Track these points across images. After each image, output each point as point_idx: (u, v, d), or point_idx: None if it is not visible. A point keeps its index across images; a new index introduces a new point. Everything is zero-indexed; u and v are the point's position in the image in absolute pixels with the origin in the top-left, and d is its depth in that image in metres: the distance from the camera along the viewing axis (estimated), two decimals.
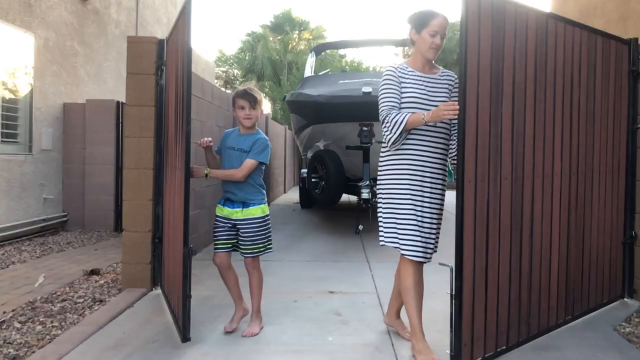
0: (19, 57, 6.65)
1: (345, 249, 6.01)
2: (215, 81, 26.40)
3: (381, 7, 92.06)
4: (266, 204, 3.30)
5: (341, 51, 10.85)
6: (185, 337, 3.02)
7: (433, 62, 2.98)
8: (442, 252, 3.18)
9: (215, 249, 3.36)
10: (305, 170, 8.53)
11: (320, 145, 7.28)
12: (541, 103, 2.96)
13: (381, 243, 2.97)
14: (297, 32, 27.03)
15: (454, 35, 31.52)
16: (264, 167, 3.31)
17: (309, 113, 6.58)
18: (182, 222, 2.97)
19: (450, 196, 2.83)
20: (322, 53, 14.70)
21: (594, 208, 3.47)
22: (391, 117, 2.77)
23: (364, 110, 5.97)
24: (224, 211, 3.26)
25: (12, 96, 6.63)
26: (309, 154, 7.88)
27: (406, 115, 2.75)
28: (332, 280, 4.55)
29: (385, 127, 2.82)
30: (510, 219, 2.80)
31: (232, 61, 30.51)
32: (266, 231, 3.30)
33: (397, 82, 2.86)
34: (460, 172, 2.50)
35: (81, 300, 3.92)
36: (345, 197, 10.60)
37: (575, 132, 3.25)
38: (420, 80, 2.89)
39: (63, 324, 3.40)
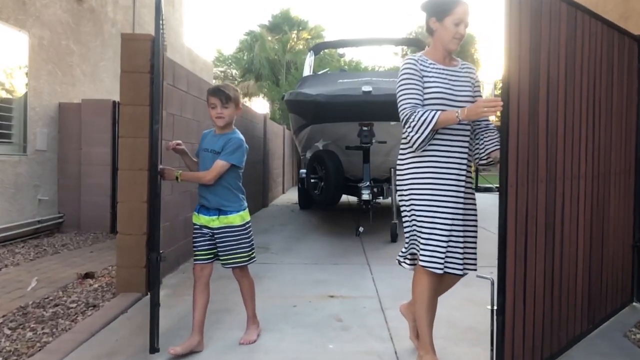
0: (13, 57, 6.54)
1: (345, 251, 5.91)
2: (214, 81, 26.28)
3: (380, 6, 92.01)
4: (246, 210, 3.05)
5: (340, 50, 10.71)
6: (153, 348, 2.83)
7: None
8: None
9: (195, 259, 3.07)
10: (304, 170, 8.42)
11: (320, 145, 7.18)
12: (570, 101, 2.75)
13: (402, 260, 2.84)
14: (295, 31, 26.94)
15: None
16: (241, 170, 3.05)
17: (307, 113, 6.47)
18: (149, 226, 2.85)
19: None
20: (321, 52, 14.62)
21: (611, 210, 3.33)
22: (417, 116, 2.46)
23: (363, 110, 5.88)
24: (200, 219, 3.00)
25: (6, 96, 6.52)
26: (308, 154, 7.77)
27: (436, 113, 2.45)
28: (332, 283, 4.44)
29: (409, 126, 2.49)
30: (545, 226, 2.60)
31: (230, 61, 30.41)
32: (247, 240, 3.03)
33: (419, 75, 2.57)
34: (504, 176, 2.25)
35: (74, 305, 3.81)
36: (344, 198, 10.49)
37: (597, 131, 3.07)
38: (443, 73, 2.61)
39: (54, 330, 3.29)
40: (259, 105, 29.85)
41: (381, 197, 7.01)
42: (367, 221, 6.78)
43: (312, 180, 6.89)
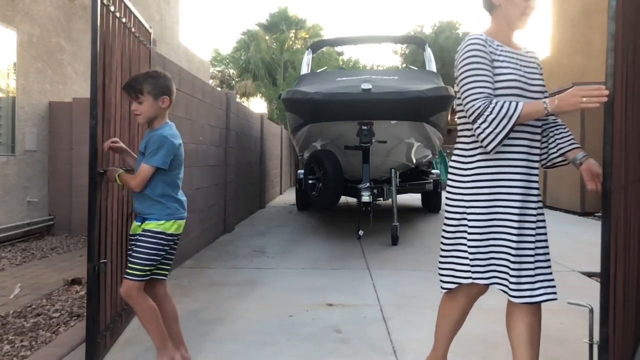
0: (0, 54, 6.31)
1: (344, 255, 5.70)
2: (211, 81, 26.08)
3: (379, 6, 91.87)
4: (173, 221, 2.55)
5: (338, 48, 10.51)
6: None
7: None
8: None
9: None
10: (302, 171, 8.21)
11: (318, 145, 6.97)
12: None
13: (470, 280, 2.22)
14: (293, 30, 26.74)
15: (451, 34, 31.37)
16: (175, 172, 2.58)
17: (305, 111, 6.26)
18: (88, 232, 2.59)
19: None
20: (319, 51, 14.42)
21: None
22: (496, 108, 2.02)
23: (363, 108, 5.67)
24: (132, 227, 2.68)
25: None
26: (306, 155, 7.57)
27: (518, 104, 2.03)
28: (330, 290, 4.23)
29: (485, 121, 2.04)
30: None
31: (227, 61, 30.19)
32: (143, 252, 2.48)
33: (489, 59, 2.11)
34: (609, 178, 1.82)
35: (57, 315, 3.59)
36: (343, 199, 10.30)
37: None
38: (514, 58, 2.18)
39: (34, 343, 3.08)
40: (257, 105, 29.66)
41: (381, 199, 6.80)
42: (367, 223, 6.57)
43: (310, 181, 6.68)
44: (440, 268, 2.37)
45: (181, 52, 14.16)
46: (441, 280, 2.36)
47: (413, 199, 11.32)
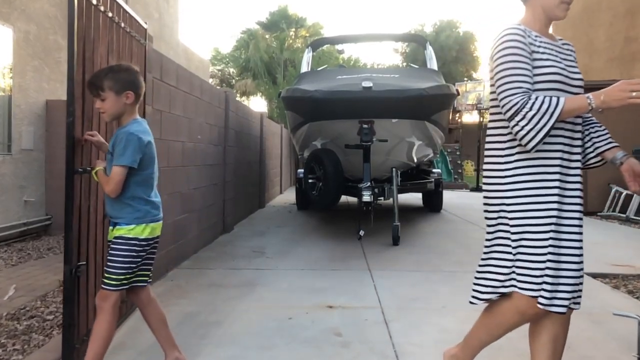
0: None
1: (345, 256, 5.62)
2: (211, 80, 26.00)
3: (379, 5, 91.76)
4: (145, 225, 2.40)
5: (339, 47, 10.43)
6: None
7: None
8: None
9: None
10: (302, 170, 8.13)
11: (318, 144, 6.90)
12: None
13: (513, 290, 2.01)
14: (293, 29, 26.64)
15: (452, 32, 31.32)
16: (147, 172, 2.42)
17: (305, 110, 6.19)
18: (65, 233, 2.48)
19: (450, 196, 2.40)
20: (320, 49, 14.32)
21: None
22: (535, 105, 1.87)
23: (364, 107, 5.60)
24: (109, 233, 2.54)
25: None
26: (306, 154, 7.49)
27: (559, 99, 1.88)
28: (330, 291, 4.15)
29: (524, 118, 1.89)
30: None
31: (227, 60, 30.09)
32: (118, 261, 2.35)
33: (528, 51, 1.96)
34: None
35: (51, 317, 3.51)
36: (344, 198, 10.21)
37: None
38: (553, 50, 2.03)
39: (26, 347, 3.00)
40: (257, 104, 29.58)
41: (382, 198, 6.73)
42: (368, 223, 6.49)
43: (310, 181, 6.60)
44: (476, 277, 2.19)
45: (180, 50, 14.08)
46: (476, 291, 2.17)
47: (414, 198, 11.23)
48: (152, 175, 2.47)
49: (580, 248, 2.01)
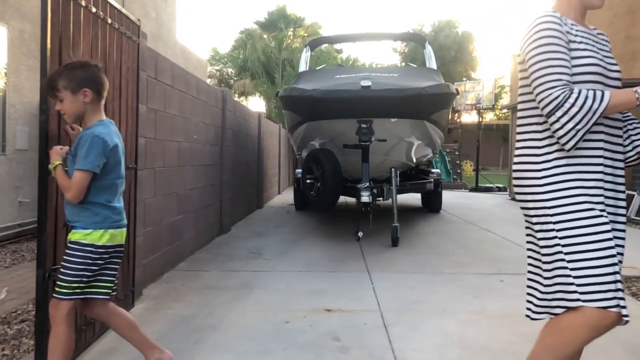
0: None
1: (343, 257, 5.54)
2: (209, 80, 25.91)
3: (378, 5, 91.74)
4: (103, 230, 2.25)
5: (337, 46, 10.36)
6: None
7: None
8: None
9: None
10: (300, 170, 8.05)
11: (316, 143, 6.82)
12: None
13: (584, 303, 1.74)
14: (291, 29, 26.54)
15: (450, 32, 31.26)
16: (112, 177, 2.28)
17: (303, 109, 6.11)
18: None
19: (450, 196, 2.32)
20: (318, 49, 14.25)
21: None
22: (579, 100, 1.72)
23: (362, 106, 5.52)
24: None
25: None
26: (304, 154, 7.41)
27: (604, 94, 1.73)
28: (328, 294, 4.07)
29: (564, 113, 1.73)
30: None
31: (226, 60, 29.99)
32: (71, 267, 2.20)
33: (565, 41, 1.80)
34: None
35: None
36: (342, 199, 10.14)
37: None
38: (590, 39, 1.88)
39: (16, 352, 2.92)
40: (256, 104, 29.50)
41: (381, 199, 6.65)
42: (367, 224, 6.41)
43: (308, 181, 6.52)
44: (529, 294, 1.98)
45: (178, 50, 13.99)
46: (529, 309, 1.97)
47: (413, 198, 11.16)
48: (116, 181, 2.32)
49: (622, 254, 1.90)
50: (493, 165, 31.22)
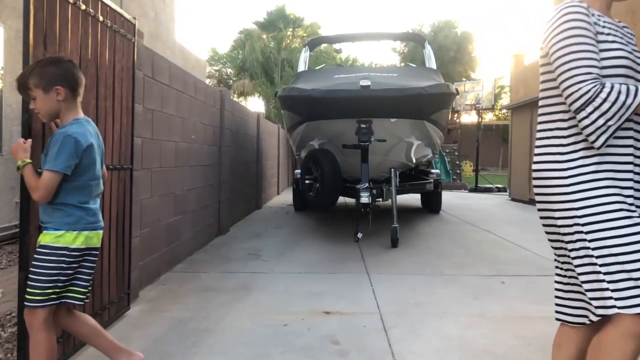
0: None
1: (343, 258, 5.49)
2: (208, 80, 25.86)
3: (378, 5, 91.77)
4: (77, 232, 2.14)
5: (336, 46, 10.30)
6: None
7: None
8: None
9: None
10: (299, 171, 8.00)
11: (315, 144, 6.76)
12: None
13: (620, 310, 1.62)
14: (291, 29, 26.49)
15: (449, 32, 31.22)
16: (86, 179, 2.18)
17: (302, 109, 6.06)
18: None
19: (449, 197, 2.27)
20: (317, 49, 14.20)
21: None
22: (612, 94, 1.63)
23: (362, 106, 5.47)
24: None
25: None
26: (303, 154, 7.36)
27: (637, 88, 1.64)
28: (327, 296, 4.02)
29: (596, 110, 1.64)
30: None
31: (225, 60, 29.95)
32: (42, 273, 2.08)
33: (593, 31, 1.70)
34: None
35: None
36: (342, 200, 10.09)
37: None
38: (618, 31, 1.79)
39: (9, 355, 2.87)
40: (255, 104, 29.43)
41: (381, 199, 6.60)
42: (366, 225, 6.36)
43: (307, 182, 6.47)
44: (559, 297, 1.89)
45: (177, 50, 13.93)
46: (561, 313, 1.88)
47: (413, 199, 11.12)
48: (90, 183, 2.21)
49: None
50: (492, 166, 31.19)
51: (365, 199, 5.82)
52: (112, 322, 3.28)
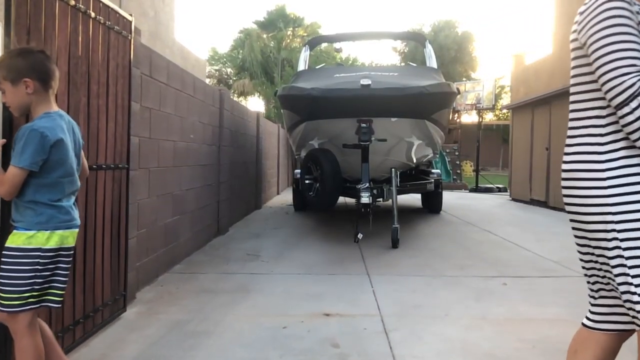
0: None
1: (342, 259, 5.43)
2: (208, 80, 25.80)
3: (378, 5, 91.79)
4: (50, 232, 2.01)
5: (337, 45, 10.25)
6: None
7: None
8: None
9: None
10: (299, 170, 7.94)
11: (315, 143, 6.71)
12: None
13: None
14: (291, 28, 26.46)
15: (450, 32, 31.17)
16: (56, 176, 2.03)
17: (302, 108, 6.01)
18: None
19: (450, 197, 2.21)
20: (317, 48, 14.15)
21: None
22: None
23: (362, 105, 5.42)
24: None
25: None
26: (303, 154, 7.30)
27: None
28: (327, 298, 3.97)
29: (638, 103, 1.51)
30: None
31: (225, 59, 29.91)
32: (12, 276, 1.96)
33: (636, 22, 1.58)
34: None
35: None
36: (342, 200, 10.04)
37: None
38: None
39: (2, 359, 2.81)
40: (255, 103, 29.37)
41: (381, 199, 6.54)
42: (367, 225, 6.31)
43: (307, 182, 6.42)
44: (594, 304, 1.78)
45: (176, 49, 13.87)
46: (594, 321, 1.77)
47: (413, 199, 11.06)
48: (62, 180, 2.06)
49: None
50: (493, 166, 31.13)
51: (365, 199, 5.77)
52: (106, 325, 3.23)
